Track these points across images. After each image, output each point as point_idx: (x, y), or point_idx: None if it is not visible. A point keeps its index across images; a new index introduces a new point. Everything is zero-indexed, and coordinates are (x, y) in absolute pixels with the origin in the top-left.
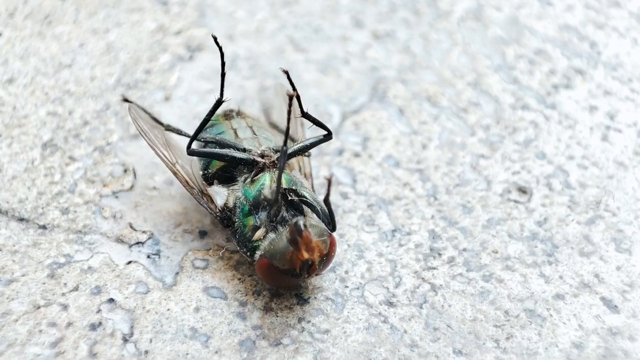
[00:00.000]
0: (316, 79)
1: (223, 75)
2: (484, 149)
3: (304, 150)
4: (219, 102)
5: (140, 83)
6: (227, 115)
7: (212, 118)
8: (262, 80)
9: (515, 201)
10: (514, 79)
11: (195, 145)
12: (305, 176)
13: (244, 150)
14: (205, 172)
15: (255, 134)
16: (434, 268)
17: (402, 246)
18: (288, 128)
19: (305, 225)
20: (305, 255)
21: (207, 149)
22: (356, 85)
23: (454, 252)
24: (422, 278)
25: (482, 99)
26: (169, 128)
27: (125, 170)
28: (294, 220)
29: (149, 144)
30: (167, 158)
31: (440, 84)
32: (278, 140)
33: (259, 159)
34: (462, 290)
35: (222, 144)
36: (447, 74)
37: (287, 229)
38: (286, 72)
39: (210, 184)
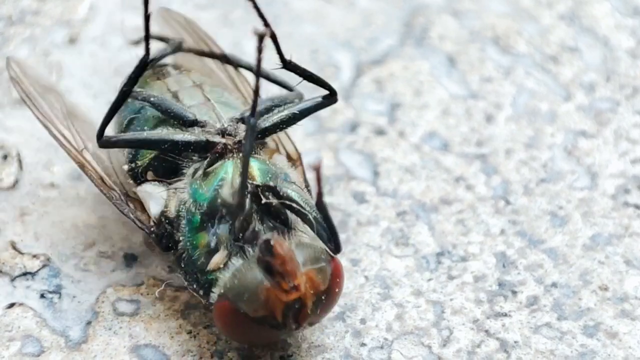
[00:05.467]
0: (315, 8)
1: (147, 17)
2: (587, 123)
3: (289, 122)
4: (144, 62)
5: (29, 15)
6: (159, 73)
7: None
8: (226, 11)
9: (637, 206)
10: (636, 9)
11: (116, 124)
12: (293, 165)
13: (196, 122)
14: (133, 164)
15: (208, 98)
16: (505, 315)
17: (452, 279)
18: (257, 87)
19: (279, 241)
20: (287, 293)
21: (130, 135)
22: (379, 19)
23: (537, 288)
24: (486, 331)
25: (583, 42)
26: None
27: (5, 157)
28: (264, 236)
29: (39, 119)
30: (68, 142)
31: (516, 17)
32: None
33: (217, 139)
34: (550, 351)
35: (164, 108)
36: (526, 1)
37: (256, 253)
38: None
39: (142, 181)
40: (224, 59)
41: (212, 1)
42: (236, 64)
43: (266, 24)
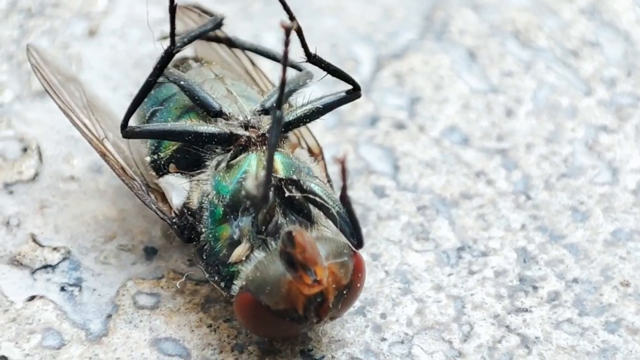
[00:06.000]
0: (335, 2)
1: (173, 9)
2: (607, 117)
3: (313, 116)
4: (169, 54)
5: (49, 8)
6: (181, 66)
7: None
8: (245, 4)
9: None
10: None
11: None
12: (315, 159)
13: (221, 112)
14: (155, 156)
15: (230, 91)
16: (526, 310)
17: (473, 274)
18: (284, 79)
19: (300, 232)
20: (309, 286)
21: (154, 126)
22: (399, 13)
23: (558, 284)
24: (507, 326)
25: (604, 36)
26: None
27: (25, 149)
28: (287, 228)
29: (60, 107)
30: (89, 130)
31: (536, 11)
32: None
33: (241, 132)
34: (571, 347)
35: (192, 94)
36: None
37: (279, 246)
38: None
39: (163, 173)
40: (228, 42)
41: None
42: (241, 47)
43: (291, 17)
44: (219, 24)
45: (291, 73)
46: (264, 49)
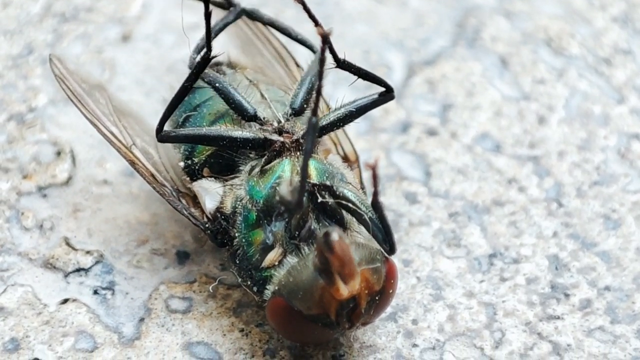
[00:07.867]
0: (367, 8)
1: (208, 15)
2: None
3: (346, 120)
4: (206, 59)
5: (83, 12)
6: (215, 71)
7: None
8: (278, 10)
9: None
10: None
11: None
12: (349, 164)
13: (255, 117)
14: (189, 161)
15: (264, 97)
16: (558, 317)
17: (505, 281)
18: (320, 86)
19: (340, 237)
20: (344, 290)
21: (189, 130)
22: (431, 20)
23: (590, 291)
24: (539, 333)
25: (637, 44)
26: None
27: (59, 153)
28: (324, 230)
29: (87, 117)
30: (117, 139)
31: (568, 19)
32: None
33: (275, 137)
34: (603, 355)
35: (227, 96)
36: (579, 3)
37: (315, 248)
38: (301, 1)
39: (197, 177)
40: (243, 12)
41: (264, 1)
42: (260, 20)
43: (317, 24)
44: (239, 14)
45: (310, 68)
46: (283, 24)
